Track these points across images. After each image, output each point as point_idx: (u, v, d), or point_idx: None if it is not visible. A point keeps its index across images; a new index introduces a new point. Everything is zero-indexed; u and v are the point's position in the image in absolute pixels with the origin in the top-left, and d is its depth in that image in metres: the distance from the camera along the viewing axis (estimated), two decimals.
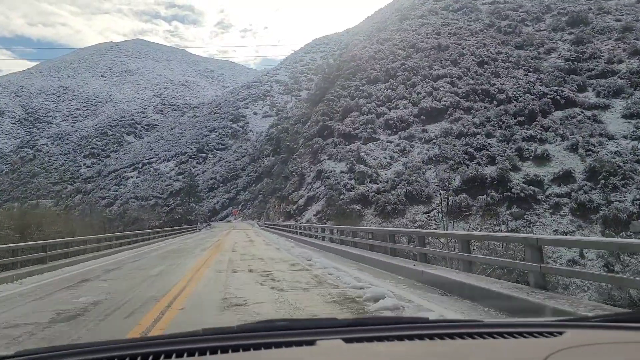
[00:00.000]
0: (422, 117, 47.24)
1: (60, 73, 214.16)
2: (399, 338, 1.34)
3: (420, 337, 1.35)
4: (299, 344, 1.28)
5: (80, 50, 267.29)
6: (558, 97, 43.84)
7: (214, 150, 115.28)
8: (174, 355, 1.21)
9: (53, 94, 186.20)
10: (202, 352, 1.23)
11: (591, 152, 35.15)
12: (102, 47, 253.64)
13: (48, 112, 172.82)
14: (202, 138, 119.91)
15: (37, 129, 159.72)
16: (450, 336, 1.37)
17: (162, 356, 1.21)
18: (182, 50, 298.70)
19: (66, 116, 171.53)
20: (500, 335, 1.39)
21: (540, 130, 40.27)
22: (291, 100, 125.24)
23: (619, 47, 50.69)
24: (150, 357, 1.20)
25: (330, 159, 45.14)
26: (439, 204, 33.80)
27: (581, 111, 41.83)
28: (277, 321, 1.55)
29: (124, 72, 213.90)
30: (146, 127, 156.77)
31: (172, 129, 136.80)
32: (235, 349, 1.24)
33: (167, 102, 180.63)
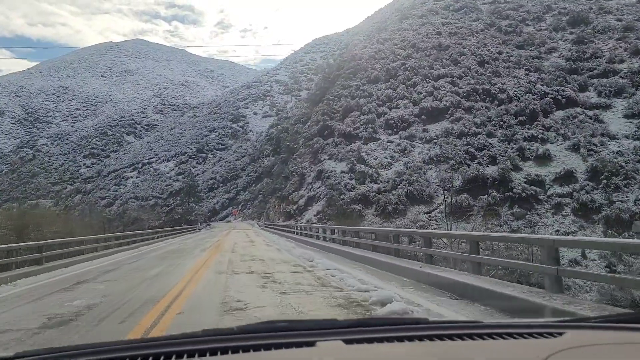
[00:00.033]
0: (423, 117, 47.08)
1: (60, 73, 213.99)
2: (399, 339, 1.35)
3: (420, 338, 1.36)
4: (299, 345, 1.28)
5: (80, 50, 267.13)
6: (559, 97, 43.70)
7: (214, 150, 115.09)
8: (174, 356, 1.21)
9: (53, 94, 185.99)
10: (202, 354, 1.23)
11: (593, 152, 35.02)
12: (102, 47, 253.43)
13: (48, 112, 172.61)
14: (202, 138, 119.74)
15: (37, 129, 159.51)
16: (450, 337, 1.38)
17: (162, 357, 1.21)
18: (182, 50, 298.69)
19: (66, 116, 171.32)
20: (500, 336, 1.40)
21: (541, 130, 40.12)
22: (291, 100, 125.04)
23: (620, 47, 50.54)
24: (149, 359, 1.20)
25: (330, 159, 44.97)
26: (440, 204, 33.62)
27: (582, 111, 41.69)
28: (277, 322, 1.56)
29: (124, 72, 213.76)
30: (146, 127, 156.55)
31: (172, 129, 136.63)
32: (235, 350, 1.24)
33: (167, 102, 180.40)
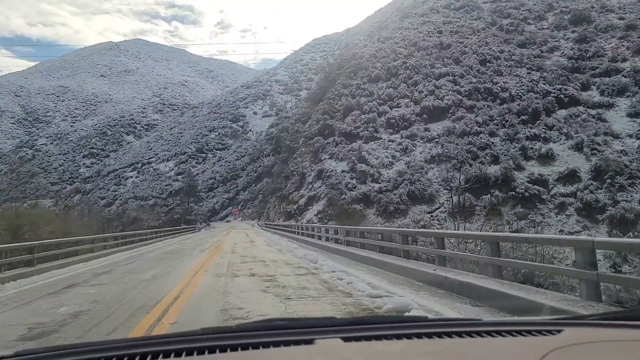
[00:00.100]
0: (424, 116, 46.71)
1: (59, 73, 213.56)
2: (398, 337, 1.33)
3: (419, 336, 1.34)
4: (298, 343, 1.27)
5: (79, 50, 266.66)
6: (562, 96, 43.34)
7: (214, 150, 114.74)
8: (173, 354, 1.20)
9: (52, 94, 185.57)
10: (201, 352, 1.22)
11: (596, 151, 34.68)
12: (102, 47, 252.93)
13: (47, 112, 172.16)
14: (202, 138, 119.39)
15: (37, 129, 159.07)
16: (448, 335, 1.36)
17: (161, 356, 1.19)
18: (182, 50, 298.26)
19: (65, 116, 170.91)
20: (498, 333, 1.38)
21: (544, 129, 39.76)
22: (291, 100, 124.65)
23: (623, 46, 50.17)
24: (148, 357, 1.19)
25: (331, 158, 44.61)
26: (442, 204, 33.25)
27: (585, 110, 41.35)
28: (276, 320, 1.53)
29: (124, 72, 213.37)
30: (146, 127, 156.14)
31: (172, 129, 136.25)
32: (233, 349, 1.23)
33: (167, 102, 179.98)
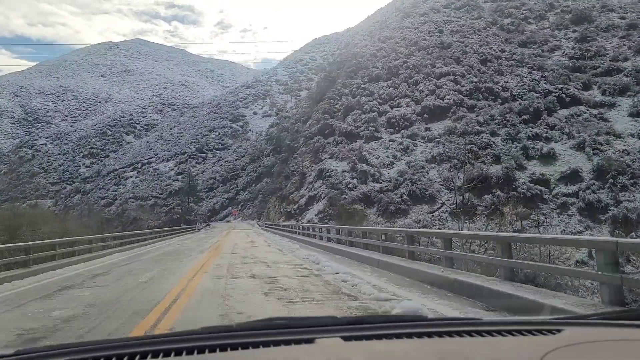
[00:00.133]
0: (425, 116, 46.53)
1: (59, 73, 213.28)
2: (398, 336, 1.33)
3: (419, 335, 1.35)
4: (298, 342, 1.27)
5: (79, 50, 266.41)
6: (563, 95, 43.16)
7: (214, 150, 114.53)
8: (173, 353, 1.20)
9: (52, 94, 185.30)
10: (201, 351, 1.22)
11: (598, 151, 34.51)
12: (102, 47, 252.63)
13: (47, 112, 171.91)
14: (202, 138, 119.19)
15: (36, 129, 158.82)
16: (449, 334, 1.36)
17: (161, 354, 1.19)
18: (182, 50, 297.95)
19: (65, 116, 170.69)
20: (498, 333, 1.38)
21: (545, 128, 39.60)
22: (291, 100, 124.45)
23: (624, 45, 49.98)
24: (149, 356, 1.19)
25: (331, 158, 44.41)
26: (443, 204, 33.06)
27: (587, 109, 41.16)
28: (276, 319, 1.52)
29: (124, 72, 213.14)
30: (145, 127, 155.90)
31: (172, 129, 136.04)
32: (234, 347, 1.23)
33: (167, 102, 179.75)
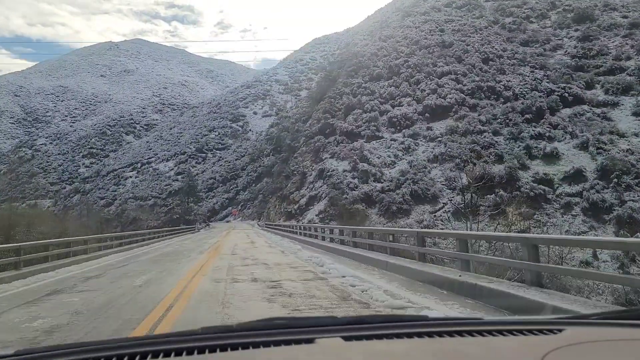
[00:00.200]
0: (427, 115, 46.24)
1: (59, 73, 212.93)
2: (399, 336, 1.33)
3: (419, 335, 1.34)
4: (298, 342, 1.27)
5: (79, 50, 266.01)
6: (566, 94, 42.89)
7: (214, 150, 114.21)
8: (173, 353, 1.20)
9: (52, 94, 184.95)
10: (201, 351, 1.21)
11: (602, 150, 34.21)
12: (102, 47, 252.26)
13: (47, 112, 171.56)
14: (202, 138, 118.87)
15: (36, 129, 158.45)
16: (449, 334, 1.36)
17: (161, 355, 1.19)
18: (182, 50, 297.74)
19: (65, 116, 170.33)
20: (499, 332, 1.38)
21: (548, 127, 39.32)
22: (291, 99, 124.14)
23: (627, 44, 49.73)
24: (149, 356, 1.19)
25: (332, 158, 44.11)
26: (450, 200, 32.79)
27: (590, 108, 40.90)
28: (277, 319, 1.52)
29: (123, 72, 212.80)
30: (145, 127, 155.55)
31: (172, 129, 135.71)
32: (234, 348, 1.23)
33: (167, 102, 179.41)
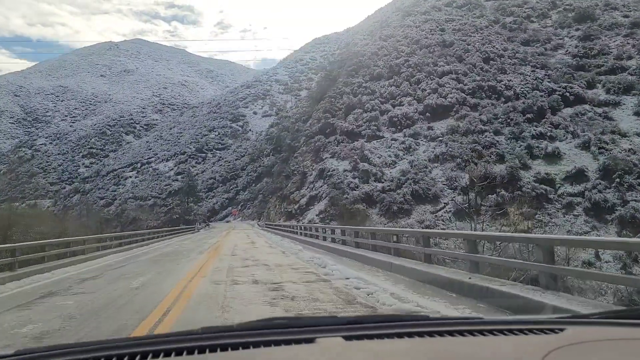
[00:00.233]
0: (428, 114, 46.06)
1: (59, 73, 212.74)
2: (399, 335, 1.33)
3: (420, 335, 1.35)
4: (299, 342, 1.27)
5: (79, 50, 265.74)
6: (567, 94, 42.73)
7: (214, 150, 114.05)
8: (173, 353, 1.20)
9: (52, 94, 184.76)
10: (202, 350, 1.21)
11: (604, 150, 34.03)
12: (101, 47, 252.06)
13: (47, 112, 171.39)
14: (202, 138, 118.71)
15: (36, 129, 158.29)
16: (450, 333, 1.36)
17: (162, 354, 1.19)
18: (182, 50, 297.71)
19: (65, 116, 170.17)
20: (500, 332, 1.38)
21: (550, 127, 39.14)
22: (291, 99, 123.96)
23: (628, 43, 49.57)
24: (149, 356, 1.18)
25: (332, 158, 43.93)
26: (452, 198, 32.65)
27: (591, 108, 40.73)
28: (277, 319, 1.52)
29: (123, 72, 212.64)
30: (145, 127, 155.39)
31: (171, 129, 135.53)
32: (234, 347, 1.23)
33: (166, 102, 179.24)
